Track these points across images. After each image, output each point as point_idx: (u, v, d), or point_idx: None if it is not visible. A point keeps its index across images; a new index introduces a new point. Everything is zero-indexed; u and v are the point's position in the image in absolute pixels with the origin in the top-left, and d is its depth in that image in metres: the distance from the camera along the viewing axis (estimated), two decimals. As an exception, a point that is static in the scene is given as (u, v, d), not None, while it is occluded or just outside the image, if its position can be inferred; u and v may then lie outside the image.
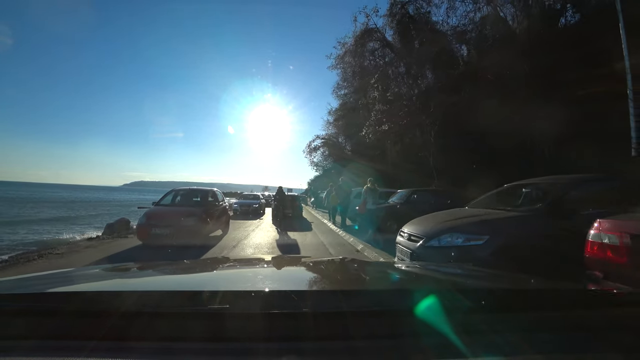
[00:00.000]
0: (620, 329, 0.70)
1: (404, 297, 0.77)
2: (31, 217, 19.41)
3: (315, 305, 0.69)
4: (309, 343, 0.61)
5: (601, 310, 0.76)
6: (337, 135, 30.33)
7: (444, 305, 0.66)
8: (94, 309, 0.69)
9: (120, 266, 1.46)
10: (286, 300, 0.69)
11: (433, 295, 0.68)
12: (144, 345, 0.60)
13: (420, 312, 0.65)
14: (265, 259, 2.08)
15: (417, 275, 1.37)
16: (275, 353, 0.59)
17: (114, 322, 0.63)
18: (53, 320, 0.66)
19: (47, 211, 25.01)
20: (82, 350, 0.57)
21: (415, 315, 0.65)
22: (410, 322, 0.64)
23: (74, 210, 27.05)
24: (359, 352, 0.60)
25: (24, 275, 1.09)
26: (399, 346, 0.62)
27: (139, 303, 0.69)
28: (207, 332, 0.63)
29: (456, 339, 0.61)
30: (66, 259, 5.70)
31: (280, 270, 1.39)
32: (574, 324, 0.71)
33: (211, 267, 1.46)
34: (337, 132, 30.18)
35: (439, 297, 0.68)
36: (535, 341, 0.64)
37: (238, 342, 0.61)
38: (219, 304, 0.67)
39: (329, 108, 29.68)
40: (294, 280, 1.23)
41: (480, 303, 0.71)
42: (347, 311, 0.67)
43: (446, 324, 0.63)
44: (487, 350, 0.60)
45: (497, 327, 0.65)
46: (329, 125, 30.79)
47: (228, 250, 6.79)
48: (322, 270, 1.40)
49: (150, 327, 0.64)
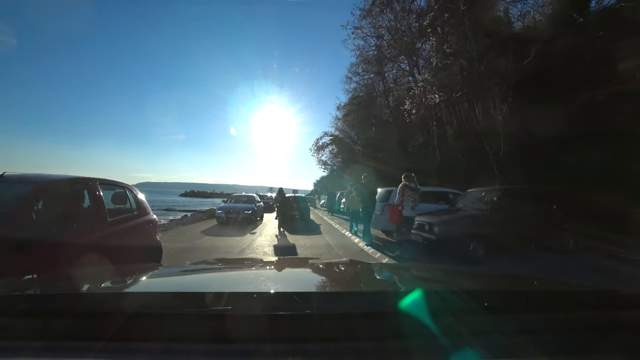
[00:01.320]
0: (622, 330, 0.71)
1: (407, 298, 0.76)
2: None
3: (319, 306, 0.69)
4: (314, 344, 0.61)
5: (603, 311, 0.76)
6: (348, 131, 26.47)
7: (446, 307, 0.67)
8: (101, 310, 0.69)
9: (127, 268, 1.58)
10: (290, 302, 0.69)
11: (436, 297, 0.70)
12: (149, 346, 0.61)
13: (425, 314, 0.65)
14: (269, 260, 2.04)
15: (423, 277, 1.37)
16: (280, 354, 0.59)
17: (121, 323, 0.63)
18: (61, 321, 0.67)
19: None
20: (89, 351, 0.58)
21: (420, 317, 0.65)
22: (415, 324, 0.64)
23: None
24: (364, 353, 0.61)
25: (31, 276, 1.08)
26: (404, 347, 0.62)
27: (145, 304, 0.70)
28: (212, 333, 0.64)
29: (458, 340, 0.61)
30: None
31: (284, 271, 1.39)
32: (576, 325, 0.71)
33: (215, 269, 1.48)
34: (348, 127, 26.30)
35: (441, 299, 0.69)
36: (539, 342, 0.64)
37: (242, 343, 0.62)
38: (223, 305, 0.67)
39: (338, 103, 26.34)
40: (298, 282, 1.23)
41: (483, 305, 0.71)
42: (351, 312, 0.67)
43: (451, 326, 0.63)
44: (492, 351, 0.60)
45: (502, 328, 0.66)
46: (337, 122, 27.48)
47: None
48: (326, 271, 1.41)
49: (155, 328, 0.65)
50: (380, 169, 15.35)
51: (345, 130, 26.77)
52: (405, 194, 5.71)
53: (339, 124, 27.52)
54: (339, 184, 29.59)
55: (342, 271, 1.42)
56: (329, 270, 1.44)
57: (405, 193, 5.72)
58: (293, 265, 1.61)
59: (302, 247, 7.18)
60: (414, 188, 5.75)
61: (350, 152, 26.67)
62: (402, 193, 5.73)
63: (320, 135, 28.71)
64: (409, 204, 5.70)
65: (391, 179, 9.63)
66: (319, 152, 28.60)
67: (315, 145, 28.25)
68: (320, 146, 28.26)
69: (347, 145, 28.05)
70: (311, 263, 1.65)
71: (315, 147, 28.13)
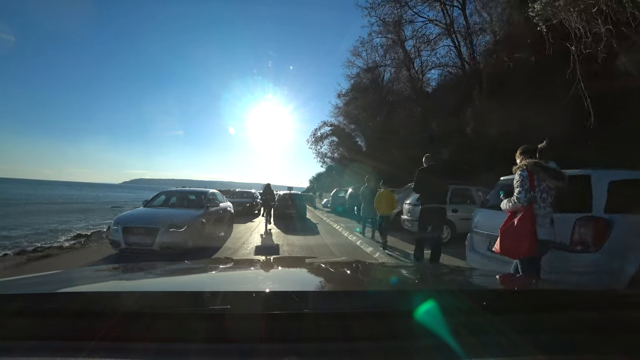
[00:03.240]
0: (622, 330, 0.70)
1: (406, 298, 0.75)
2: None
3: (316, 306, 0.69)
4: (311, 344, 0.61)
5: (603, 311, 0.75)
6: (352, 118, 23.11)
7: (445, 307, 0.65)
8: (93, 309, 0.68)
9: (120, 266, 1.51)
10: (288, 301, 0.68)
11: (434, 297, 0.67)
12: (144, 346, 0.60)
13: (421, 314, 0.64)
14: (266, 259, 1.95)
15: (420, 277, 1.36)
16: (277, 354, 0.58)
17: (114, 323, 0.62)
18: (52, 321, 0.65)
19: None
20: (81, 351, 0.57)
21: (416, 317, 0.64)
22: (411, 324, 0.63)
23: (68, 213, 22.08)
24: (360, 353, 0.60)
25: (22, 275, 1.07)
26: (401, 347, 0.61)
27: (138, 304, 0.68)
28: (208, 332, 0.63)
29: (458, 341, 0.60)
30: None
31: (282, 270, 1.39)
32: (576, 325, 0.70)
33: (212, 268, 1.45)
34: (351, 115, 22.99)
35: (440, 299, 0.67)
36: (538, 342, 0.63)
37: (239, 342, 0.61)
38: (220, 304, 0.66)
39: (338, 90, 22.95)
40: (296, 281, 1.22)
41: (482, 304, 0.70)
42: (348, 312, 0.66)
43: (447, 326, 0.62)
44: (490, 351, 0.59)
45: (500, 329, 0.64)
46: (338, 111, 23.97)
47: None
48: (324, 271, 1.39)
49: (150, 327, 0.63)
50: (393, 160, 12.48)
51: (350, 115, 23.03)
52: (538, 187, 2.50)
53: (340, 113, 24.25)
54: (337, 181, 26.45)
55: (342, 271, 1.40)
56: (329, 269, 1.43)
57: (536, 183, 2.50)
58: (292, 265, 1.60)
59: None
60: (553, 171, 2.53)
61: (353, 143, 23.53)
62: (531, 181, 2.49)
63: (318, 124, 25.33)
64: (546, 209, 2.50)
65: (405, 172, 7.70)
66: (318, 144, 25.31)
67: (313, 136, 25.01)
68: (319, 137, 24.98)
69: (349, 136, 24.83)
70: (310, 262, 1.65)
71: (314, 139, 24.86)
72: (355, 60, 19.28)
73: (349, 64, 19.70)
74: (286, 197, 13.29)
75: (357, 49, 18.58)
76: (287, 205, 12.70)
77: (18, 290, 0.84)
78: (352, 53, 19.12)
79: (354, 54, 19.13)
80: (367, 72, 19.78)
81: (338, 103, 23.45)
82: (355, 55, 19.20)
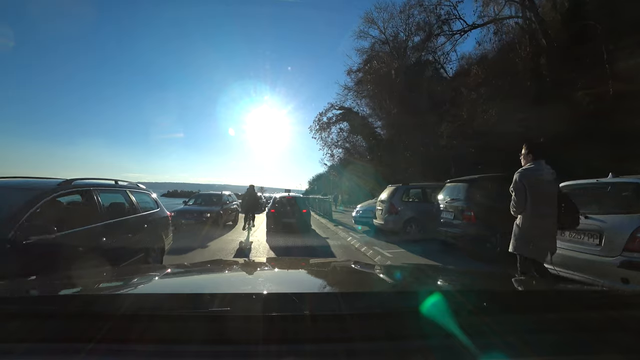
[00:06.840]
0: (622, 330, 0.70)
1: (404, 299, 0.77)
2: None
3: (315, 307, 0.69)
4: (309, 345, 0.61)
5: (603, 311, 0.75)
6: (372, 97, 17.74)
7: (444, 307, 0.66)
8: (91, 311, 0.68)
9: (120, 268, 1.53)
10: (286, 303, 0.69)
11: (433, 297, 0.68)
12: (143, 348, 0.60)
13: (419, 314, 0.65)
14: (266, 261, 2.01)
15: (418, 278, 1.36)
16: (275, 355, 0.59)
17: (112, 325, 0.62)
18: (50, 323, 0.66)
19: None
20: (79, 353, 0.57)
21: (414, 317, 0.65)
22: (409, 324, 0.65)
23: None
24: (358, 354, 0.61)
25: (20, 278, 1.08)
26: (398, 348, 0.62)
27: (137, 305, 0.68)
28: (207, 334, 0.63)
29: (456, 341, 0.60)
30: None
31: (281, 272, 1.38)
32: (576, 325, 0.70)
33: (211, 270, 1.45)
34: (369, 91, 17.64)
35: (439, 299, 0.67)
36: (538, 343, 0.63)
37: (238, 344, 0.61)
38: (219, 306, 0.67)
39: (349, 65, 17.95)
40: (295, 283, 1.22)
41: (482, 305, 0.70)
42: (346, 313, 0.66)
43: (446, 326, 0.62)
44: (490, 352, 0.60)
45: (499, 329, 0.65)
46: (348, 92, 18.64)
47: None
48: (323, 272, 1.39)
49: (149, 329, 0.64)
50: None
51: (369, 92, 17.39)
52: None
53: (350, 94, 19.01)
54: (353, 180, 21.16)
55: (340, 272, 1.40)
56: (328, 271, 1.43)
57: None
58: (291, 266, 1.60)
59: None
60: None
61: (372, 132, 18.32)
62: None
63: (325, 107, 19.96)
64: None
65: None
66: (322, 132, 19.88)
67: (317, 122, 19.61)
68: (326, 123, 19.64)
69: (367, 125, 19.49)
70: (310, 264, 1.65)
71: (318, 125, 19.51)
72: (369, 29, 15.33)
73: (360, 34, 15.31)
74: (284, 202, 9.82)
75: (370, 14, 13.92)
76: (286, 213, 9.43)
77: (17, 293, 0.86)
78: (365, 20, 14.59)
79: (366, 20, 14.51)
80: (384, 44, 15.47)
81: (347, 82, 18.30)
82: (368, 22, 14.49)
